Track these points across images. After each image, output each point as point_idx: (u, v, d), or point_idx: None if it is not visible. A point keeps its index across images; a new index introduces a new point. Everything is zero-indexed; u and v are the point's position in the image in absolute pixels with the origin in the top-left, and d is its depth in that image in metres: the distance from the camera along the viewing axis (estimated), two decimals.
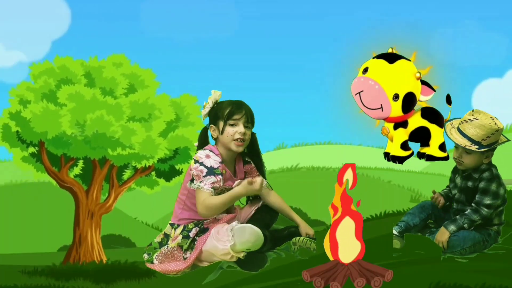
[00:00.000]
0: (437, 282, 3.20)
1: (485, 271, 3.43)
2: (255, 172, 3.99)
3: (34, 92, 6.88)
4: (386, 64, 3.40)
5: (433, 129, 3.52)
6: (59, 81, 6.91)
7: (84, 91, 6.78)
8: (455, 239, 3.76)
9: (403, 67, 3.42)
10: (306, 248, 3.82)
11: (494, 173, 3.81)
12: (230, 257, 3.69)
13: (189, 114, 7.19)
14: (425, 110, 3.52)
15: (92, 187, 7.30)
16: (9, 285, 3.74)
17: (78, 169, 7.39)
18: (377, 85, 3.36)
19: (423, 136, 3.53)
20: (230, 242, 3.66)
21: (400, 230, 3.91)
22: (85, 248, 7.23)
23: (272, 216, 4.02)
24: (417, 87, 3.42)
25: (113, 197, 7.39)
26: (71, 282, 3.85)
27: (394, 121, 3.48)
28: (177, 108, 7.15)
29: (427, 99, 3.47)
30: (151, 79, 7.29)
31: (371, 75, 3.39)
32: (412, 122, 3.50)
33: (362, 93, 3.39)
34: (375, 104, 3.39)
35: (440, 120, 3.54)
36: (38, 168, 7.23)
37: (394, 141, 3.52)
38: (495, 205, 3.79)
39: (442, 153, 3.55)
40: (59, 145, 6.85)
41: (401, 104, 3.38)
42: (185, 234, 3.80)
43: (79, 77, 6.97)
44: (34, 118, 6.75)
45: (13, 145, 7.05)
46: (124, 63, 7.22)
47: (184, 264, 3.75)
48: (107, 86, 6.99)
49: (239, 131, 3.80)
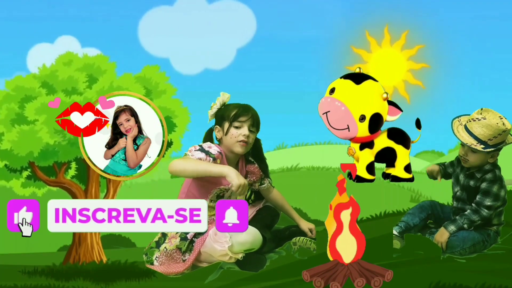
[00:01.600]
0: (437, 282, 3.21)
1: (485, 271, 3.43)
2: (258, 172, 3.99)
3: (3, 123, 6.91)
4: (353, 84, 3.43)
5: (399, 150, 3.54)
6: (20, 102, 6.94)
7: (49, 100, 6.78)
8: (454, 240, 3.76)
9: (370, 88, 3.44)
10: (306, 248, 3.82)
11: (497, 175, 3.81)
12: (228, 258, 3.69)
13: (157, 83, 7.16)
14: (391, 131, 3.54)
15: (89, 185, 7.29)
16: (9, 285, 3.73)
17: (73, 171, 7.39)
18: (343, 106, 3.40)
19: (388, 157, 3.55)
20: (228, 243, 3.66)
21: (400, 230, 3.91)
22: (85, 248, 7.21)
23: (273, 217, 4.02)
24: (384, 108, 3.44)
25: (112, 191, 7.38)
26: (71, 282, 3.85)
27: (361, 142, 3.50)
28: (144, 82, 7.12)
29: (394, 119, 3.49)
30: (105, 62, 7.27)
31: (337, 96, 3.42)
32: (378, 143, 3.52)
33: (329, 113, 3.42)
34: (342, 125, 3.42)
35: (407, 141, 3.56)
36: (39, 186, 7.28)
37: (360, 162, 3.55)
38: (495, 206, 3.78)
39: (407, 175, 3.58)
40: (48, 156, 6.86)
41: (368, 125, 3.40)
42: (183, 236, 3.79)
43: (38, 90, 6.98)
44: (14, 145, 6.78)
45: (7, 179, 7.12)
46: (73, 59, 7.22)
47: (183, 266, 3.75)
48: (68, 86, 6.99)
49: (244, 133, 3.81)
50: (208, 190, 3.84)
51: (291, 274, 3.55)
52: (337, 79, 3.50)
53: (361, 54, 3.73)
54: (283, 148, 15.99)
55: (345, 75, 3.49)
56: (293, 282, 3.42)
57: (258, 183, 4.05)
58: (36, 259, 7.29)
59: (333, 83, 3.49)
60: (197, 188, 3.84)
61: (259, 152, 3.99)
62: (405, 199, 11.70)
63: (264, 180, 4.07)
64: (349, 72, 3.52)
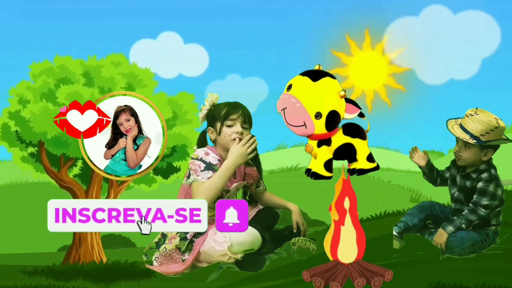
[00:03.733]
0: (437, 282, 3.21)
1: (485, 271, 3.43)
2: (256, 176, 3.98)
3: (33, 91, 6.88)
4: (310, 81, 3.42)
5: (357, 143, 3.54)
6: (58, 81, 6.91)
7: (83, 91, 6.77)
8: (453, 240, 3.76)
9: (327, 85, 3.43)
10: (305, 248, 3.83)
11: (492, 174, 3.81)
12: (227, 258, 3.69)
13: (187, 112, 7.17)
14: (346, 127, 3.54)
15: (91, 187, 7.29)
16: (9, 285, 3.73)
17: (77, 169, 7.38)
18: (298, 103, 3.40)
19: (348, 153, 3.55)
20: (227, 243, 3.66)
21: (399, 230, 3.91)
22: (85, 248, 7.22)
23: (273, 218, 4.02)
24: (341, 105, 3.44)
25: (112, 196, 7.38)
26: (71, 282, 3.85)
27: (318, 139, 3.50)
28: (174, 106, 7.14)
29: (352, 117, 3.49)
30: (150, 78, 7.29)
31: (294, 93, 3.42)
32: (335, 140, 3.52)
33: (286, 110, 3.42)
34: (298, 122, 3.42)
35: (362, 132, 3.56)
36: (37, 168, 7.22)
37: (318, 159, 3.55)
38: (493, 205, 3.79)
39: (371, 164, 3.58)
40: (59, 145, 6.84)
41: (325, 122, 3.40)
42: (182, 235, 3.80)
43: (78, 77, 6.97)
44: (33, 117, 6.75)
45: (12, 144, 7.05)
46: (122, 62, 7.22)
47: (183, 265, 3.75)
48: (106, 85, 6.98)
49: (237, 130, 3.81)
50: None
51: (291, 274, 3.55)
52: (296, 75, 3.50)
53: (340, 57, 3.73)
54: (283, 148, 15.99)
55: (303, 72, 3.49)
56: (293, 282, 3.42)
57: (254, 186, 4.06)
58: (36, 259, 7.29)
59: (291, 80, 3.49)
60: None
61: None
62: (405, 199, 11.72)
63: (260, 183, 4.07)
64: (308, 69, 3.51)
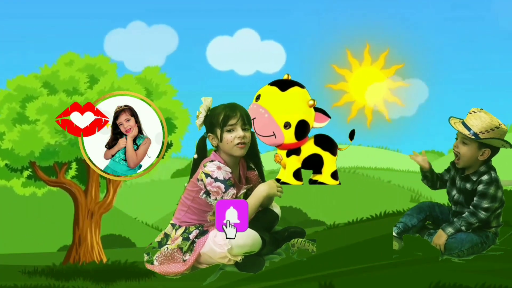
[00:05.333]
0: (437, 282, 3.21)
1: (485, 271, 3.43)
2: (256, 179, 3.97)
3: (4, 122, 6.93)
4: (278, 91, 3.43)
5: (326, 156, 3.55)
6: (22, 102, 6.95)
7: (50, 100, 6.81)
8: (452, 241, 3.76)
9: (295, 95, 3.44)
10: (304, 249, 3.82)
11: (493, 177, 3.81)
12: (227, 261, 3.68)
13: (158, 85, 7.17)
14: (318, 138, 3.54)
15: (89, 186, 7.31)
16: (9, 285, 3.74)
17: (73, 171, 7.41)
18: (267, 113, 3.41)
19: (315, 163, 3.55)
20: (227, 245, 3.66)
21: (399, 231, 3.91)
22: (85, 248, 7.23)
23: (273, 219, 4.01)
24: (310, 115, 3.44)
25: (112, 191, 7.40)
26: (71, 282, 3.86)
27: (288, 148, 3.50)
28: (144, 83, 7.13)
29: (321, 126, 3.49)
30: (107, 63, 7.28)
31: (262, 103, 3.42)
32: (305, 149, 3.53)
33: (255, 120, 3.43)
34: (267, 132, 3.43)
35: (334, 148, 3.56)
36: (39, 186, 7.31)
37: (287, 168, 3.55)
38: (493, 208, 3.78)
39: (334, 181, 3.59)
40: (49, 156, 6.90)
41: (294, 132, 3.40)
42: (185, 236, 3.79)
43: (39, 90, 7.00)
44: (15, 145, 6.81)
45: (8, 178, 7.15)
46: (74, 59, 7.23)
47: (184, 266, 3.75)
48: (69, 86, 7.01)
49: (238, 135, 3.75)
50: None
51: (290, 274, 3.55)
52: (265, 85, 3.50)
53: (343, 74, 3.76)
54: None
55: (272, 82, 3.50)
56: (292, 282, 3.43)
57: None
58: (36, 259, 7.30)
59: (260, 90, 3.49)
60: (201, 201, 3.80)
61: (253, 146, 3.94)
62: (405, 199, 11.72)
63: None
64: (276, 79, 3.52)
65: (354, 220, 5.60)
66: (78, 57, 7.25)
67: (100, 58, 7.28)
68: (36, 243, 10.60)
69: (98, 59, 7.27)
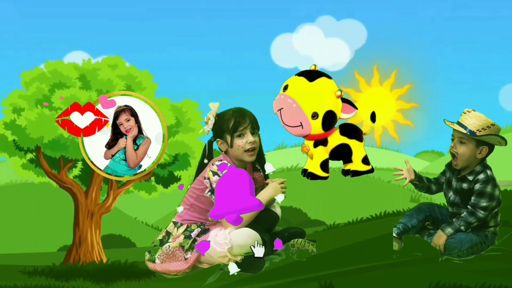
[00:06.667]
0: (437, 282, 3.21)
1: (485, 271, 3.43)
2: (261, 180, 3.98)
3: (27, 99, 6.88)
4: (306, 82, 3.41)
5: (353, 144, 3.53)
6: (52, 86, 6.90)
7: (80, 94, 6.76)
8: (452, 242, 3.76)
9: (323, 85, 3.42)
10: (304, 250, 3.83)
11: (489, 175, 3.81)
12: (227, 260, 3.69)
13: (190, 120, 7.12)
14: (343, 127, 3.52)
15: (91, 188, 7.30)
16: (9, 285, 3.74)
17: (77, 170, 7.38)
18: (295, 103, 3.39)
19: (344, 153, 3.54)
20: (227, 245, 3.66)
21: (399, 232, 3.91)
22: (85, 248, 7.23)
23: (273, 220, 4.02)
24: (337, 105, 3.43)
25: (111, 197, 7.39)
26: (71, 282, 3.86)
27: (315, 139, 3.48)
28: (178, 112, 7.09)
29: (348, 117, 3.48)
30: (149, 80, 7.25)
31: (290, 93, 3.40)
32: (331, 140, 3.51)
33: (282, 110, 3.41)
34: (295, 122, 3.41)
35: (359, 134, 3.55)
36: (38, 173, 7.24)
37: (314, 159, 3.53)
38: (491, 207, 3.79)
39: (366, 167, 3.57)
40: (57, 148, 6.86)
41: (321, 122, 3.39)
42: (187, 234, 3.80)
43: (74, 81, 6.95)
44: (29, 124, 6.76)
45: (11, 154, 7.08)
46: (119, 65, 7.19)
47: (185, 264, 3.75)
48: (103, 88, 6.96)
49: (249, 140, 3.76)
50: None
51: (290, 274, 3.55)
52: (292, 76, 3.49)
53: (349, 93, 3.75)
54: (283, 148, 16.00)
55: (299, 72, 3.48)
56: (292, 283, 3.43)
57: (260, 190, 4.04)
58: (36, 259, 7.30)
59: (287, 80, 3.47)
60: (205, 200, 3.81)
61: (259, 148, 3.95)
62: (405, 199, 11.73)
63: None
64: (304, 70, 3.51)
65: (354, 220, 5.60)
66: (124, 64, 7.21)
67: (144, 73, 7.23)
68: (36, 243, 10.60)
69: (142, 73, 7.24)
